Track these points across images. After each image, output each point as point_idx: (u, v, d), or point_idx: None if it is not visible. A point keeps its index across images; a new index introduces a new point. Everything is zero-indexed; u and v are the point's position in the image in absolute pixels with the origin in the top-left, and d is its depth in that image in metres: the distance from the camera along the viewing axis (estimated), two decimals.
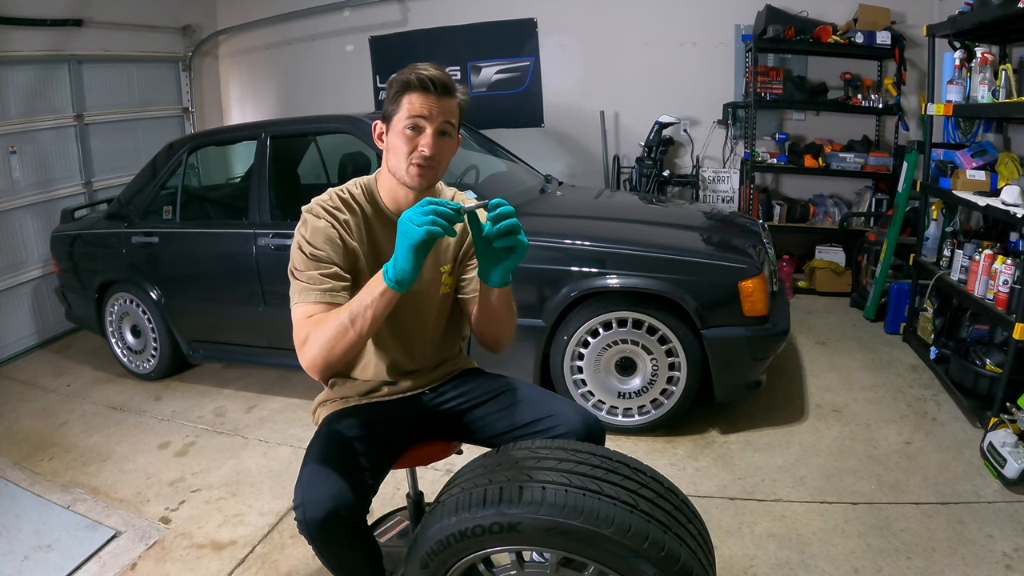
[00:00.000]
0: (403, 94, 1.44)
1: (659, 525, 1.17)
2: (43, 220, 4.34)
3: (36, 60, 4.30)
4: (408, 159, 1.45)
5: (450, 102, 1.47)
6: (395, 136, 1.46)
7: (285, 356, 3.30)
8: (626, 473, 1.27)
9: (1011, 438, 2.37)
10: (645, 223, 3.11)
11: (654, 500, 1.24)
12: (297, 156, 4.01)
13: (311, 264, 1.45)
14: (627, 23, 4.88)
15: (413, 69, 1.45)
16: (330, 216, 1.49)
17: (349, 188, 1.56)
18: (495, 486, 1.21)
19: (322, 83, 5.62)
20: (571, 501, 1.15)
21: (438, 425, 1.69)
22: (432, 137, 1.44)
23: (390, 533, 2.08)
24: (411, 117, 1.43)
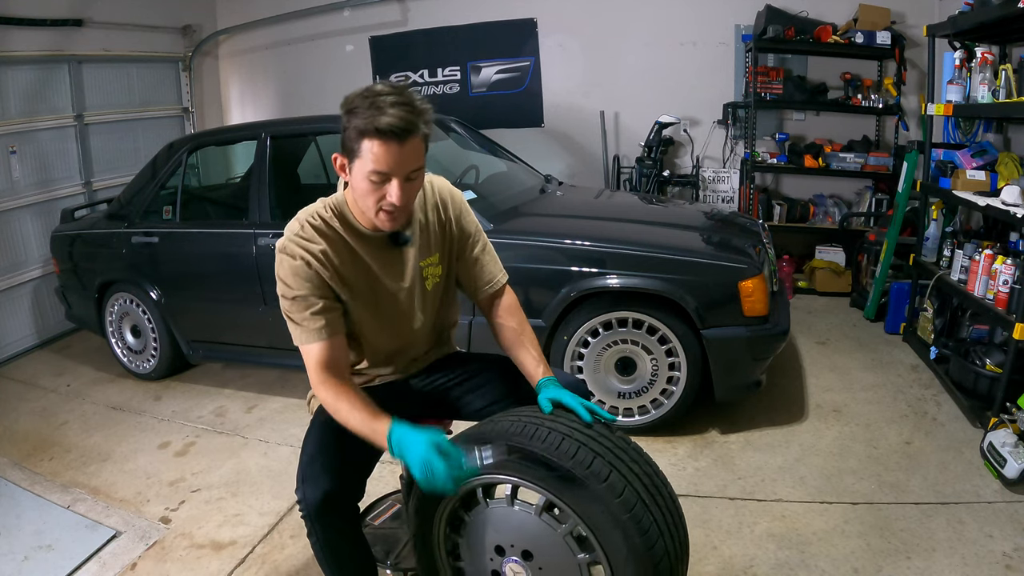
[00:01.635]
0: (363, 139, 1.34)
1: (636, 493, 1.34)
2: (43, 220, 4.34)
3: (36, 60, 4.30)
4: (376, 205, 1.41)
5: (414, 143, 1.36)
6: (359, 179, 1.39)
7: (285, 356, 3.30)
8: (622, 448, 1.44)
9: (1011, 438, 2.37)
10: (645, 223, 3.11)
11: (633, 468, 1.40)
12: (297, 156, 4.01)
13: (298, 305, 1.46)
14: (627, 23, 4.88)
15: (372, 109, 1.32)
16: (304, 251, 1.45)
17: (319, 212, 1.51)
18: (544, 428, 1.38)
19: (322, 83, 5.61)
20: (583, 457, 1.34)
21: (429, 405, 1.74)
22: (399, 187, 1.37)
23: (383, 516, 2.14)
24: (376, 172, 1.36)
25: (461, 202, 1.66)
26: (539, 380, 1.53)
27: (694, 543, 2.11)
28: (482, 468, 1.37)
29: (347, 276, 1.51)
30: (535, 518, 1.41)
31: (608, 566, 1.36)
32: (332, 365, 1.47)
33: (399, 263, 1.57)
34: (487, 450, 1.38)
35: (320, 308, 1.46)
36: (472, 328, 2.76)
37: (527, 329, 1.64)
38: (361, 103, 1.34)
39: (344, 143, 1.40)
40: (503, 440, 1.39)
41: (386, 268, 1.56)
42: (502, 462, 1.38)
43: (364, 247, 1.53)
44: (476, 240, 1.67)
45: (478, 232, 1.68)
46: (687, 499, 2.37)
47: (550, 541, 1.41)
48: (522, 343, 1.61)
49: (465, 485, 1.43)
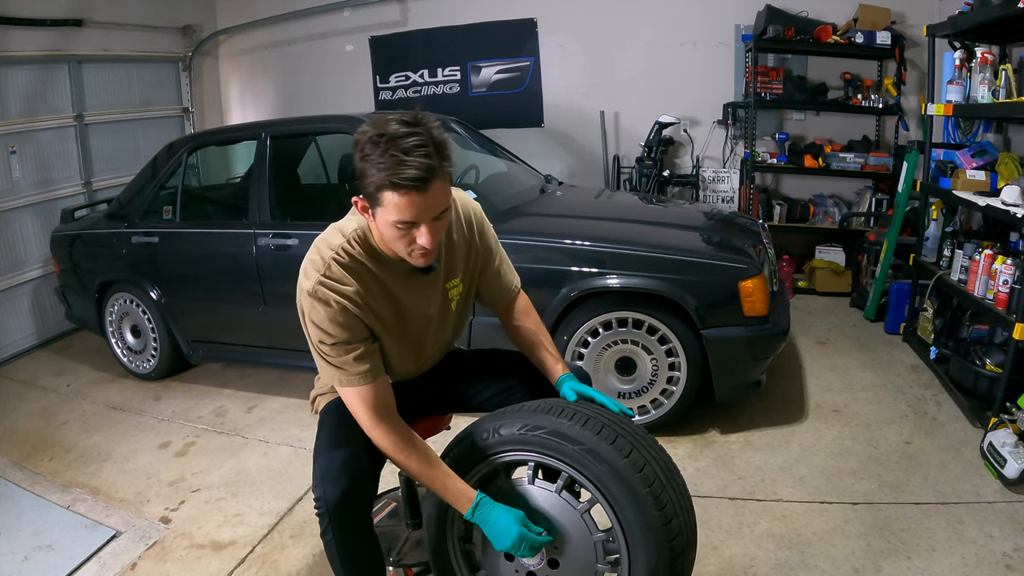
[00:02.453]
0: (383, 191, 1.26)
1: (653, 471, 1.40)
2: (43, 220, 4.34)
3: (36, 60, 4.30)
4: (407, 248, 1.36)
5: (438, 185, 1.28)
6: (385, 226, 1.33)
7: (285, 356, 3.30)
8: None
9: (1011, 438, 2.37)
10: (645, 223, 3.11)
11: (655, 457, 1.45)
12: (297, 156, 4.00)
13: (337, 351, 1.41)
14: (627, 23, 4.88)
15: (387, 158, 1.23)
16: (339, 296, 1.38)
17: (345, 249, 1.42)
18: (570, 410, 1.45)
19: (322, 83, 5.61)
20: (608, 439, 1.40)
21: (432, 400, 1.76)
22: (428, 230, 1.31)
23: (381, 514, 2.17)
24: (402, 221, 1.29)
25: (482, 216, 1.66)
26: (559, 376, 1.59)
27: None
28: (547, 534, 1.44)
29: (379, 311, 1.47)
30: (555, 496, 1.44)
31: (625, 543, 1.38)
32: (383, 407, 1.44)
33: (426, 289, 1.55)
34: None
35: (361, 353, 1.42)
36: (472, 328, 2.76)
37: (543, 329, 1.70)
38: (373, 151, 1.25)
39: (362, 188, 1.31)
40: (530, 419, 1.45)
41: (414, 295, 1.53)
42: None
43: (392, 277, 1.48)
44: (496, 252, 1.68)
45: (497, 244, 1.69)
46: None
47: (568, 519, 1.44)
48: (540, 343, 1.66)
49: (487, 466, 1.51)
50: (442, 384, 1.77)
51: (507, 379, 1.74)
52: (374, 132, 1.27)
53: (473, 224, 1.61)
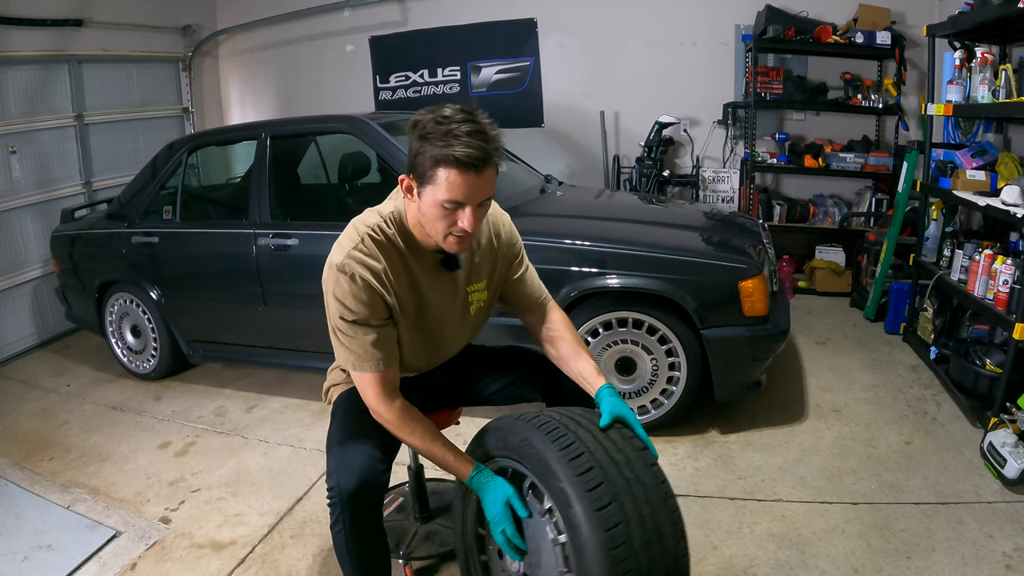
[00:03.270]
0: (439, 167, 1.32)
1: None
2: (43, 220, 4.34)
3: (36, 60, 4.30)
4: (446, 230, 1.40)
5: (489, 172, 1.35)
6: (430, 205, 1.37)
7: (285, 356, 3.30)
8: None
9: (1011, 438, 2.37)
10: (645, 223, 3.10)
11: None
12: (297, 156, 4.00)
13: (355, 330, 1.45)
14: (627, 23, 4.88)
15: (450, 137, 1.30)
16: (366, 271, 1.42)
17: (382, 227, 1.47)
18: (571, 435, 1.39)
19: (322, 83, 5.62)
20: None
21: (442, 392, 1.79)
22: (472, 214, 1.37)
23: (389, 508, 2.19)
24: (451, 200, 1.34)
25: (510, 225, 1.68)
26: (599, 388, 1.53)
27: (694, 543, 2.11)
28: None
29: (401, 295, 1.51)
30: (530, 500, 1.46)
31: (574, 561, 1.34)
32: (390, 386, 1.50)
33: (449, 286, 1.58)
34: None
35: (377, 338, 1.46)
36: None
37: (581, 341, 1.67)
38: (435, 129, 1.31)
39: (414, 167, 1.37)
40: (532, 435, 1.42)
41: (436, 290, 1.57)
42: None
43: (420, 266, 1.52)
44: (522, 261, 1.69)
45: (523, 253, 1.70)
46: (687, 499, 2.37)
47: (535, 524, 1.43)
48: (580, 354, 1.62)
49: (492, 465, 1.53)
50: (453, 376, 1.79)
51: (515, 372, 1.76)
52: (436, 115, 1.33)
53: (501, 233, 1.64)
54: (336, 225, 1.58)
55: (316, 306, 1.57)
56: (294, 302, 3.13)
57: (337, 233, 1.53)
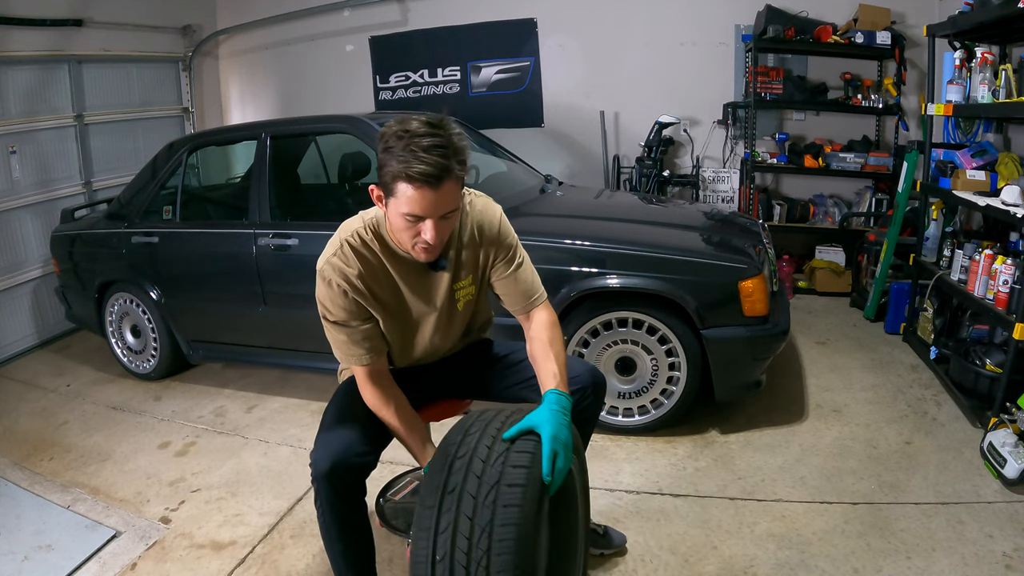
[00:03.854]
0: (398, 181, 1.35)
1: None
2: (43, 220, 4.34)
3: (36, 60, 4.30)
4: (411, 240, 1.45)
5: (449, 186, 1.36)
6: (395, 217, 1.42)
7: (285, 356, 3.30)
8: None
9: (1011, 438, 2.37)
10: (645, 223, 3.11)
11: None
12: (297, 156, 4.00)
13: (338, 330, 1.57)
14: (627, 23, 4.88)
15: (408, 152, 1.31)
16: (340, 278, 1.51)
17: (359, 233, 1.54)
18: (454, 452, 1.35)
19: (322, 83, 5.62)
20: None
21: (452, 384, 1.83)
22: (434, 227, 1.40)
23: (404, 491, 2.19)
24: (411, 214, 1.38)
25: (500, 220, 1.67)
26: (544, 392, 1.50)
27: (694, 543, 2.12)
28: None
29: (380, 296, 1.58)
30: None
31: None
32: (375, 373, 1.60)
33: (431, 286, 1.63)
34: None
35: (360, 336, 1.56)
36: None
37: (557, 345, 1.62)
38: (396, 144, 1.34)
39: (380, 178, 1.41)
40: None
41: (418, 291, 1.62)
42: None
43: (399, 270, 1.58)
44: (513, 257, 1.68)
45: (515, 249, 1.69)
46: (687, 499, 2.37)
47: None
48: (547, 356, 1.59)
49: None
50: (465, 369, 1.83)
51: (522, 376, 1.77)
52: (400, 128, 1.36)
53: (485, 228, 1.64)
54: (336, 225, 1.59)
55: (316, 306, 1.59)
56: (294, 302, 3.13)
57: None
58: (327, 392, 1.81)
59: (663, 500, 2.37)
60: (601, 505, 2.32)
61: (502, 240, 1.67)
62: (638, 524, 2.23)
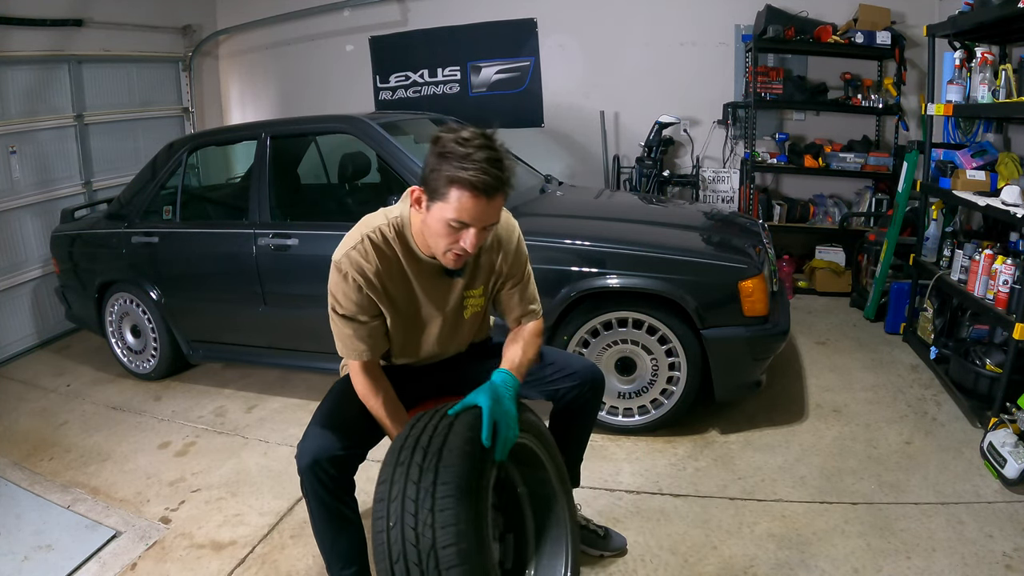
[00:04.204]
0: (452, 186, 1.38)
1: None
2: (43, 220, 4.34)
3: (36, 60, 4.30)
4: (447, 247, 1.46)
5: (499, 200, 1.42)
6: (437, 221, 1.43)
7: (285, 356, 3.30)
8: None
9: (1011, 438, 2.37)
10: (645, 223, 3.10)
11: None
12: (297, 156, 4.00)
13: (344, 323, 1.59)
14: (627, 23, 4.88)
15: (468, 161, 1.35)
16: (356, 272, 1.53)
17: (381, 229, 1.56)
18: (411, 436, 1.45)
19: (322, 83, 5.62)
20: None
21: (445, 379, 1.84)
22: (475, 236, 1.43)
23: None
24: (458, 220, 1.40)
25: (518, 237, 1.70)
26: (494, 371, 1.57)
27: (694, 543, 2.12)
28: None
29: (393, 295, 1.60)
30: None
31: None
32: (369, 370, 1.64)
33: (444, 291, 1.66)
34: None
35: (365, 332, 1.59)
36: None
37: (529, 348, 1.67)
38: (455, 149, 1.37)
39: (427, 181, 1.42)
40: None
41: (431, 294, 1.64)
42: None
43: (416, 271, 1.60)
44: (522, 275, 1.72)
45: (525, 266, 1.73)
46: (687, 499, 2.37)
47: None
48: (514, 348, 1.66)
49: None
50: (458, 367, 1.85)
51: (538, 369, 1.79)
52: (458, 135, 1.39)
53: (503, 244, 1.67)
54: (336, 225, 1.61)
55: (316, 306, 1.60)
56: (294, 302, 3.13)
57: (337, 233, 1.60)
58: (327, 392, 1.81)
59: (663, 500, 2.37)
60: (601, 505, 2.33)
61: (517, 257, 1.70)
62: (638, 524, 2.23)
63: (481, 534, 1.31)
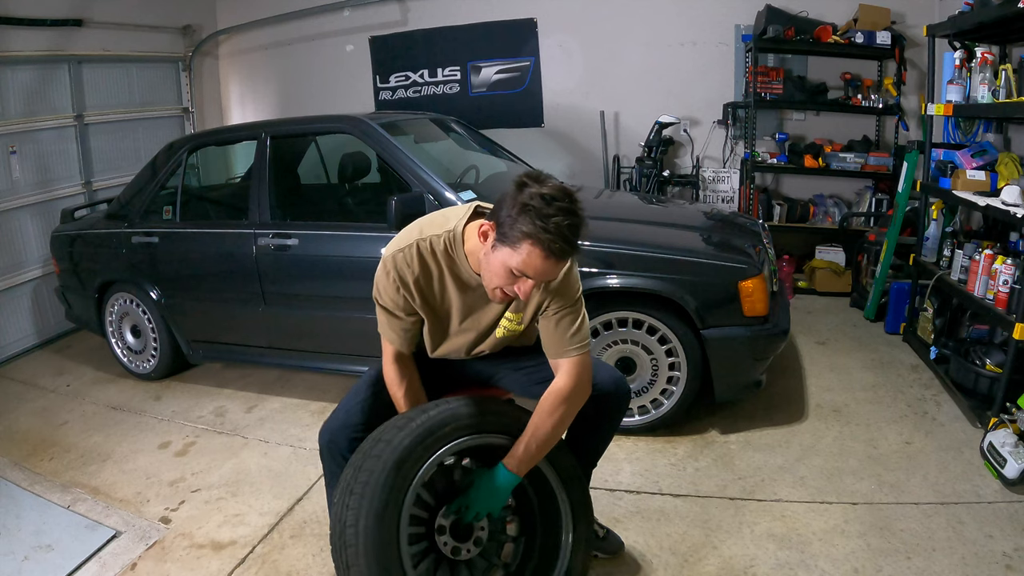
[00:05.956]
0: (527, 241, 1.37)
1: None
2: (43, 220, 4.34)
3: (36, 60, 4.30)
4: (499, 286, 1.46)
5: (567, 263, 1.45)
6: (498, 264, 1.43)
7: (285, 356, 3.30)
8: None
9: (1011, 438, 2.37)
10: (645, 223, 3.11)
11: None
12: (297, 156, 4.00)
13: (383, 313, 1.67)
14: (627, 23, 4.88)
15: (546, 220, 1.34)
16: (398, 275, 1.58)
17: (432, 241, 1.57)
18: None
19: (322, 83, 5.62)
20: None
21: (478, 376, 1.88)
22: (531, 288, 1.45)
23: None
24: (522, 272, 1.41)
25: (571, 269, 1.61)
26: (500, 462, 1.63)
27: (694, 543, 2.12)
28: None
29: (432, 303, 1.64)
30: None
31: None
32: (400, 360, 1.71)
33: (482, 310, 1.68)
34: None
35: (399, 327, 1.66)
36: None
37: (548, 423, 1.60)
38: (538, 204, 1.35)
39: (501, 224, 1.41)
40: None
41: (468, 310, 1.67)
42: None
43: (458, 289, 1.62)
44: (562, 309, 1.61)
45: (568, 301, 1.62)
46: (687, 499, 2.37)
47: None
48: (532, 424, 1.61)
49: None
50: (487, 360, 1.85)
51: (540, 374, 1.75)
52: (545, 192, 1.37)
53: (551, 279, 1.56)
54: (336, 225, 1.61)
55: (316, 306, 1.60)
56: (294, 302, 3.13)
57: (337, 233, 1.60)
58: (327, 392, 1.84)
59: (663, 500, 2.37)
60: (601, 505, 2.32)
61: (563, 290, 1.61)
62: (638, 524, 2.23)
63: (385, 526, 1.49)
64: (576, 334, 1.62)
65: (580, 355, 1.62)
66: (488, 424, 1.67)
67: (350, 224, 3.15)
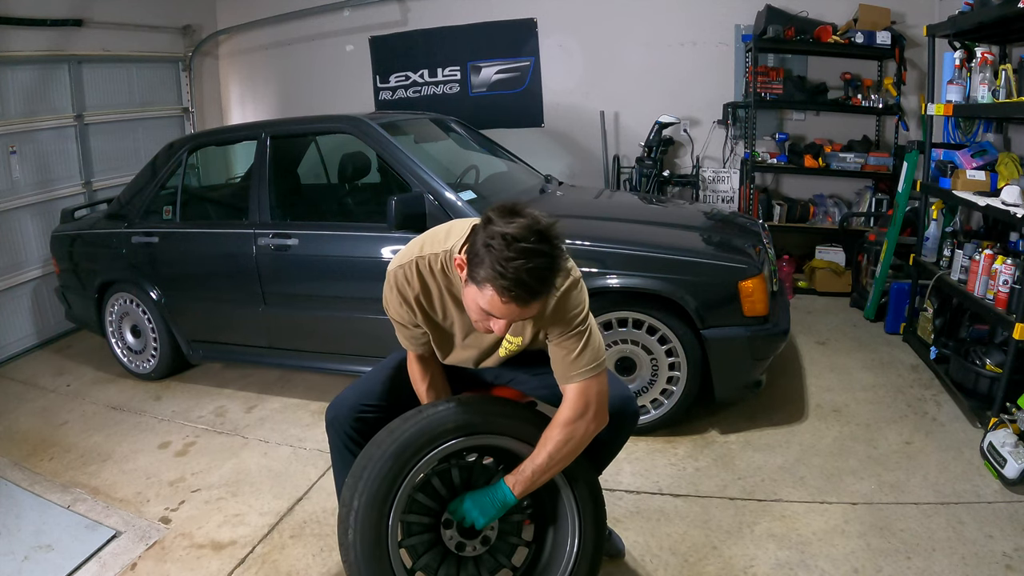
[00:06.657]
0: (487, 284, 1.30)
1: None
2: (43, 220, 4.34)
3: (36, 60, 4.30)
4: (477, 320, 1.44)
5: (538, 304, 1.35)
6: (470, 299, 1.39)
7: (285, 356, 3.30)
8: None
9: (1011, 438, 2.37)
10: (645, 223, 3.10)
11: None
12: (297, 156, 4.00)
13: (394, 324, 1.70)
14: (627, 23, 4.88)
15: (504, 263, 1.25)
16: (398, 291, 1.59)
17: (431, 260, 1.54)
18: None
19: (322, 83, 5.62)
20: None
21: (498, 378, 1.88)
22: (505, 326, 1.40)
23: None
24: (488, 312, 1.36)
25: (564, 290, 1.51)
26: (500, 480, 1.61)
27: (694, 543, 2.12)
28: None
29: (434, 319, 1.65)
30: None
31: None
32: (420, 360, 1.76)
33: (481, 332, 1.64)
34: None
35: (409, 335, 1.70)
36: None
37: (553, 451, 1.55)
38: (498, 246, 1.27)
39: (469, 259, 1.35)
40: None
41: (469, 328, 1.65)
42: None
43: (457, 308, 1.62)
44: (563, 335, 1.54)
45: (566, 327, 1.53)
46: (687, 499, 2.37)
47: None
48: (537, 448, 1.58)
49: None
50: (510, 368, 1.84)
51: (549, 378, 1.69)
52: (512, 230, 1.28)
53: (550, 303, 1.51)
54: (336, 225, 1.61)
55: (316, 306, 1.60)
56: (294, 302, 3.13)
57: (337, 233, 1.59)
58: (327, 392, 1.85)
59: (663, 500, 2.37)
60: None
61: (559, 318, 1.53)
62: (638, 524, 2.23)
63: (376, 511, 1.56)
64: (577, 360, 1.53)
65: (584, 381, 1.54)
66: (495, 426, 1.66)
67: (350, 224, 3.15)
